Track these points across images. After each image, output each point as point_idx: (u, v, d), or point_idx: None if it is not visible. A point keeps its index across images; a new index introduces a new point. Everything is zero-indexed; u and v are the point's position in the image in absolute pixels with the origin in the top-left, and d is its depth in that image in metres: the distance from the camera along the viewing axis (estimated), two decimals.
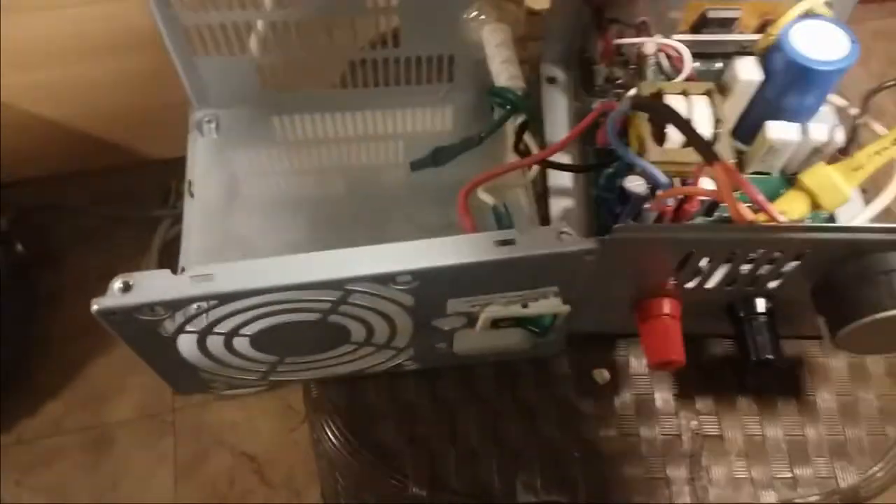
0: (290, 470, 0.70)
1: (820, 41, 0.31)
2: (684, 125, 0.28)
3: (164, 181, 0.80)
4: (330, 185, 0.38)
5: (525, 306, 0.26)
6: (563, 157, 0.35)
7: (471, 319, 0.27)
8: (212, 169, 0.37)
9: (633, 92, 0.36)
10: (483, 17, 0.33)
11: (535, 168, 0.34)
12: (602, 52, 0.37)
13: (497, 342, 0.28)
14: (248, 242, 0.35)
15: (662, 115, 0.30)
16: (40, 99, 0.70)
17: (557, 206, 0.35)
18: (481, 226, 0.29)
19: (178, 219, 0.80)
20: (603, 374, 0.33)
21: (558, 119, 0.38)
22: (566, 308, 0.26)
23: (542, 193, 0.36)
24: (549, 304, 0.26)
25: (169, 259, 0.78)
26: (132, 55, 0.66)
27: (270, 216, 0.36)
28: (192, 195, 0.35)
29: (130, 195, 0.80)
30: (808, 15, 0.33)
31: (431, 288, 0.24)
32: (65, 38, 0.64)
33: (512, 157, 0.35)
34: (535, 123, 0.34)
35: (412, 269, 0.23)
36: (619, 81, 0.38)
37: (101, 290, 0.23)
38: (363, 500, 0.35)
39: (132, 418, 0.72)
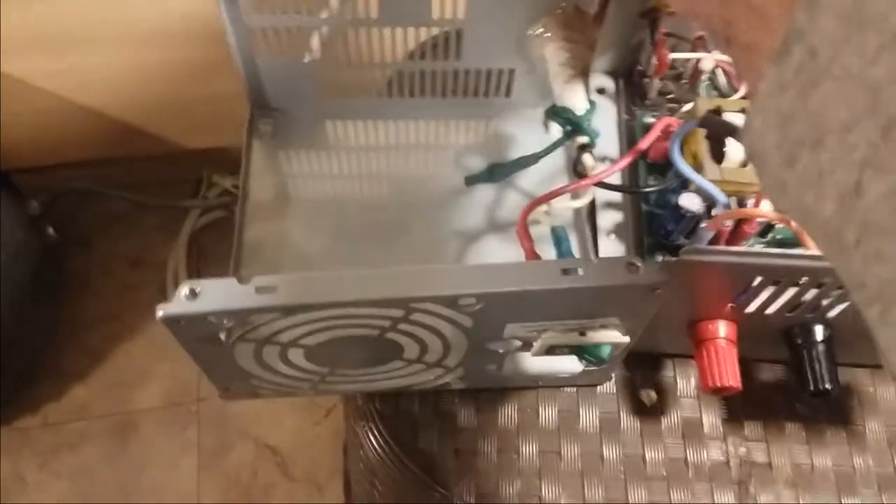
0: (313, 464, 0.71)
1: None
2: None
3: (196, 171, 0.80)
4: (382, 192, 0.37)
5: (583, 334, 0.26)
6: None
7: (526, 343, 0.27)
8: (265, 170, 0.37)
9: (688, 107, 0.36)
10: (549, 34, 0.33)
11: (591, 188, 0.33)
12: (657, 66, 0.37)
13: (549, 368, 0.28)
14: (298, 245, 0.35)
15: (733, 135, 0.29)
16: (75, 85, 0.70)
17: (605, 220, 0.35)
18: (537, 246, 0.29)
19: (207, 209, 0.81)
20: (650, 395, 0.33)
21: (607, 130, 0.38)
22: (626, 339, 0.26)
23: (589, 208, 0.35)
24: (608, 335, 0.26)
25: (198, 249, 0.79)
26: (174, 46, 0.66)
27: (322, 220, 0.35)
28: (246, 199, 0.35)
29: (161, 183, 0.80)
30: None
31: (492, 311, 0.24)
32: (106, 23, 0.64)
33: (566, 177, 0.35)
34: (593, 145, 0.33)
35: (478, 292, 0.22)
36: (672, 96, 0.38)
37: (129, 275, 0.23)
38: None
39: (157, 406, 0.73)
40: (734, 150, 0.30)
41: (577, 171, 0.32)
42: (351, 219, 0.36)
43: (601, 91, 0.40)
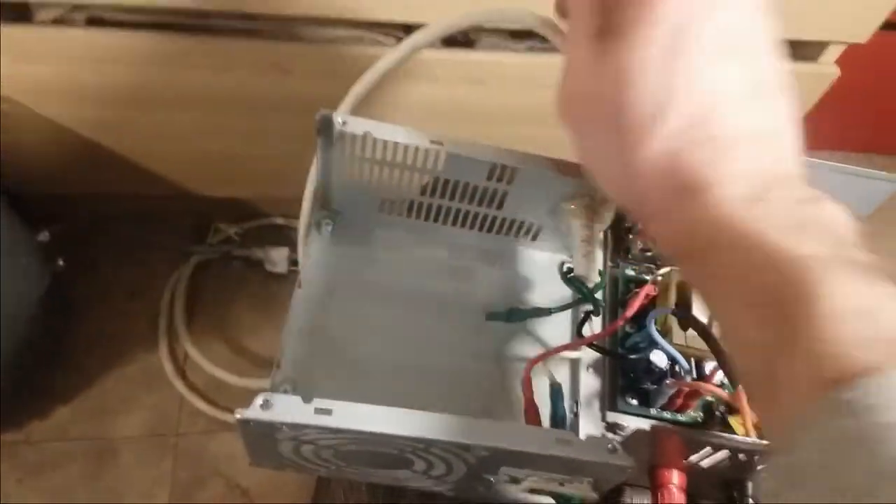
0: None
1: None
2: (713, 343, 0.35)
3: (203, 216, 0.85)
4: (418, 301, 0.43)
5: (561, 484, 0.32)
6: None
7: (514, 479, 0.33)
8: (320, 265, 0.42)
9: (664, 271, 0.43)
10: (577, 210, 0.40)
11: (586, 349, 0.40)
12: (640, 230, 0.44)
13: (527, 500, 0.34)
14: (339, 340, 0.41)
15: (696, 328, 0.36)
16: (104, 132, 0.74)
17: (588, 358, 0.42)
18: (536, 388, 0.35)
19: (208, 254, 0.86)
20: None
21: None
22: (594, 496, 0.32)
23: None
24: (581, 489, 0.32)
25: (194, 288, 0.83)
26: (203, 110, 0.71)
27: (360, 321, 0.41)
28: (300, 286, 0.40)
29: (170, 219, 0.85)
30: None
31: (494, 457, 0.30)
32: (151, 89, 0.69)
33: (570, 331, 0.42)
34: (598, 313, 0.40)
35: (488, 445, 0.29)
36: (651, 254, 0.45)
37: (127, 304, 0.29)
38: None
39: (137, 435, 0.76)
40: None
41: (580, 331, 0.38)
42: (384, 321, 0.42)
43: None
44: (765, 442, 0.32)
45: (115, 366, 0.79)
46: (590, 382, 0.41)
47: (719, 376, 0.37)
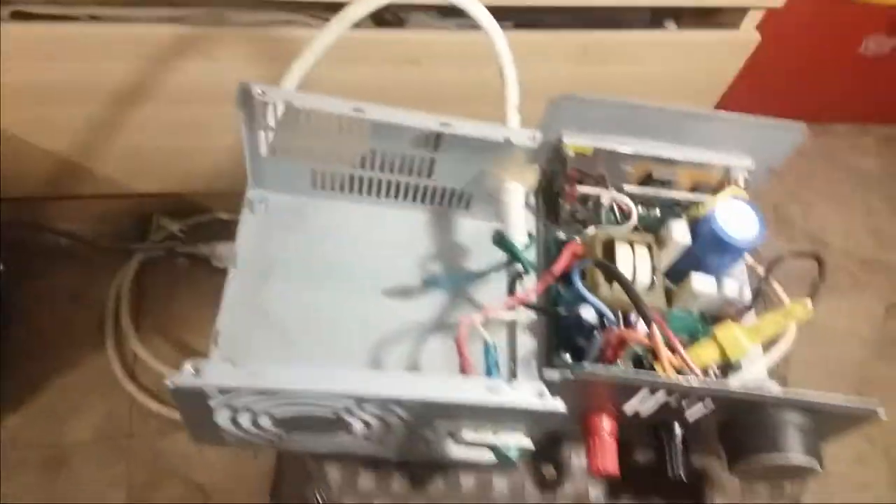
0: (238, 500, 0.74)
1: (737, 221, 0.40)
2: (631, 292, 0.36)
3: (144, 213, 0.84)
4: (349, 276, 0.44)
5: (496, 434, 0.33)
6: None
7: (451, 434, 0.34)
8: (255, 244, 0.43)
9: (590, 230, 0.44)
10: (505, 172, 0.41)
11: (521, 308, 0.41)
12: (568, 194, 0.45)
13: (467, 455, 0.35)
14: (274, 313, 0.41)
15: (616, 278, 0.37)
16: (40, 131, 0.73)
17: (525, 319, 0.43)
18: (472, 345, 0.36)
19: (152, 251, 0.84)
20: (550, 471, 0.40)
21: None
22: (528, 442, 0.33)
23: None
24: (514, 438, 0.33)
25: (139, 288, 0.82)
26: (140, 102, 0.70)
27: (297, 297, 0.42)
28: (235, 266, 0.41)
29: (109, 220, 0.84)
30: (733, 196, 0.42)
31: (428, 410, 0.31)
32: (78, 83, 0.68)
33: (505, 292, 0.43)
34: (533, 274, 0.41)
35: (418, 398, 0.30)
36: (580, 216, 0.46)
37: (69, 309, 0.29)
38: None
39: (89, 440, 0.75)
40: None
41: (511, 292, 0.39)
42: (320, 294, 0.42)
43: (525, 204, 0.48)
44: (682, 380, 0.34)
45: (63, 370, 0.77)
46: (527, 343, 0.43)
47: (642, 326, 0.38)
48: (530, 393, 0.31)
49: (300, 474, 0.40)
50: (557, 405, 0.30)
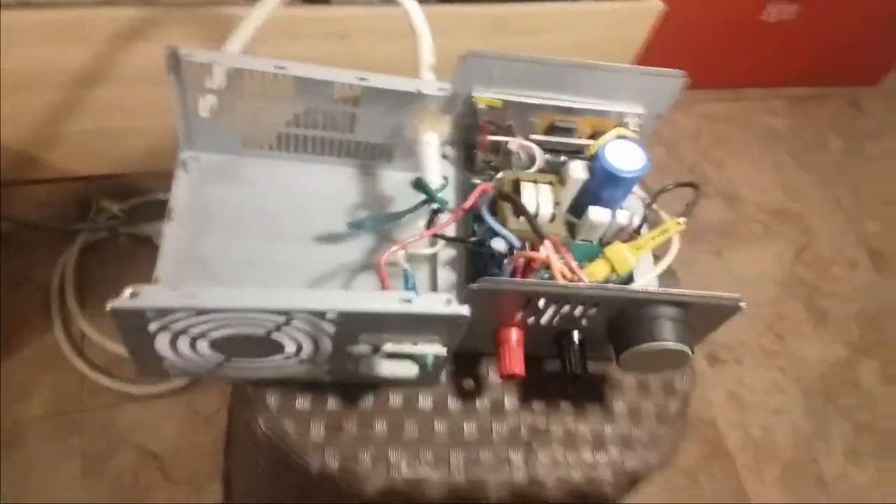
0: (193, 468, 0.77)
1: (625, 156, 0.45)
2: (527, 214, 0.41)
3: (82, 196, 0.85)
4: (281, 225, 0.47)
5: (415, 344, 0.37)
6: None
7: (375, 349, 0.38)
8: (189, 200, 0.46)
9: (500, 175, 0.49)
10: (421, 124, 0.45)
11: (441, 242, 0.46)
12: (480, 143, 0.50)
13: (391, 370, 0.39)
14: (211, 260, 0.45)
15: (515, 205, 0.42)
16: None
17: (445, 256, 0.47)
18: (394, 281, 0.40)
19: (94, 232, 0.86)
20: (469, 383, 0.45)
21: (448, 188, 0.51)
22: (444, 351, 0.38)
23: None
24: (431, 347, 0.37)
25: (84, 267, 0.83)
26: (70, 86, 0.72)
27: (232, 248, 0.45)
28: (171, 219, 0.44)
29: (49, 206, 0.85)
30: (620, 137, 0.47)
31: (350, 323, 0.35)
32: (13, 70, 0.69)
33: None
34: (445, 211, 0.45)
35: (338, 309, 0.34)
36: (493, 164, 0.51)
37: (13, 294, 0.32)
38: (281, 479, 0.45)
39: (42, 415, 0.77)
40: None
41: (428, 227, 0.44)
42: (253, 243, 0.46)
43: (444, 156, 0.53)
44: (564, 285, 0.39)
45: (12, 352, 0.78)
46: (447, 275, 0.47)
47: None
48: (438, 301, 0.35)
49: (244, 407, 0.43)
50: (462, 310, 0.35)
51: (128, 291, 0.32)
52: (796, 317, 1.13)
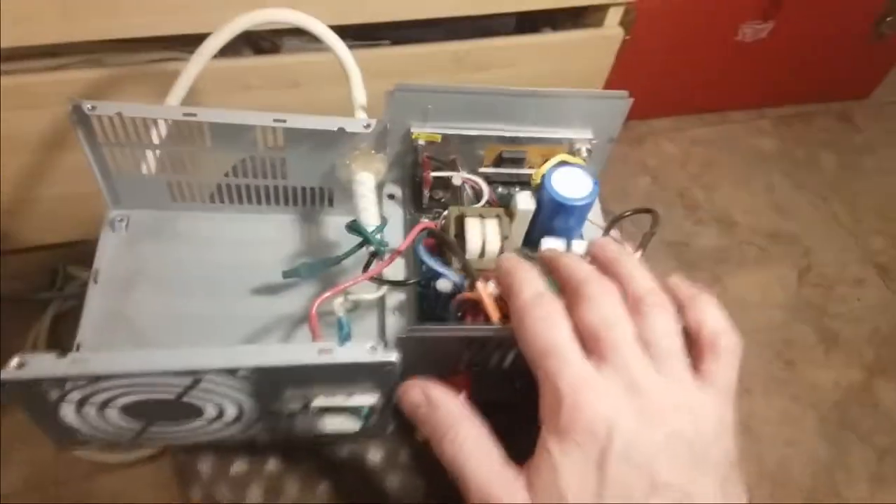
0: None
1: (571, 183, 0.43)
2: (457, 252, 0.39)
3: (52, 264, 0.84)
4: (213, 280, 0.45)
5: (349, 396, 0.34)
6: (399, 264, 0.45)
7: (305, 406, 0.35)
8: (117, 260, 0.44)
9: (446, 212, 0.47)
10: (354, 165, 0.43)
11: (384, 287, 0.43)
12: (424, 180, 0.48)
13: (331, 426, 0.36)
14: (139, 322, 0.42)
15: (449, 246, 0.40)
16: None
17: (393, 301, 0.45)
18: (331, 330, 0.38)
19: (65, 300, 0.84)
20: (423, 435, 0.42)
21: (396, 228, 0.48)
22: (379, 401, 0.35)
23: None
24: (365, 398, 0.34)
25: (56, 337, 0.82)
26: (30, 151, 0.72)
27: (161, 309, 0.43)
28: (95, 282, 0.42)
29: (18, 276, 0.83)
30: (564, 163, 0.44)
31: (268, 380, 0.32)
32: None
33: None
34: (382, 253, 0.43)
35: (249, 365, 0.31)
36: (442, 200, 0.49)
37: None
38: None
39: (17, 491, 0.74)
40: (473, 246, 0.42)
41: (365, 271, 0.41)
42: (186, 300, 0.44)
43: (391, 197, 0.51)
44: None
45: None
46: (396, 322, 0.44)
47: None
48: (363, 349, 0.32)
49: (175, 475, 0.41)
50: (389, 356, 0.32)
51: (14, 361, 0.30)
52: (805, 341, 1.09)
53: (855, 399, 1.05)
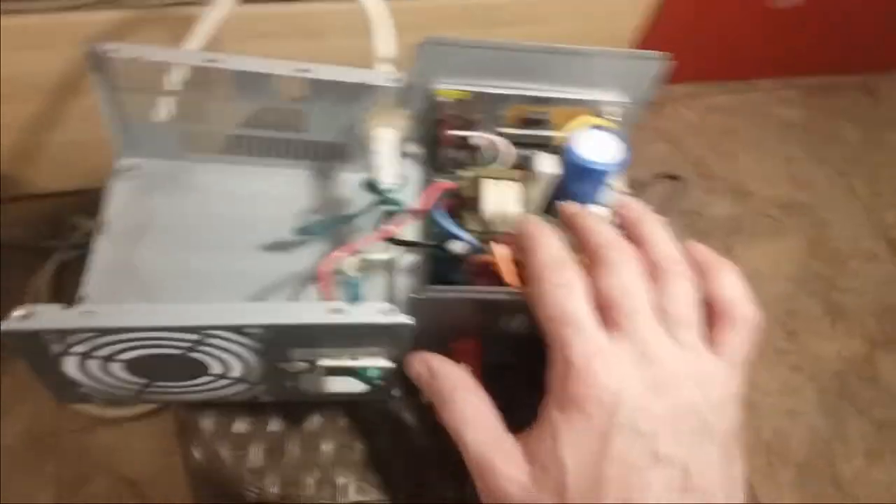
0: (169, 490, 0.74)
1: (597, 147, 0.41)
2: (478, 217, 0.37)
3: (56, 213, 0.83)
4: (225, 233, 0.43)
5: (354, 358, 0.33)
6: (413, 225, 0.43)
7: (312, 365, 0.34)
8: (125, 211, 0.42)
9: (463, 172, 0.45)
10: (374, 119, 0.41)
11: (397, 248, 0.41)
12: (444, 139, 0.46)
13: (336, 387, 0.35)
14: (147, 275, 0.41)
15: (466, 208, 0.38)
16: None
17: (406, 263, 0.43)
18: (342, 290, 0.36)
19: (69, 249, 0.83)
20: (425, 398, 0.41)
21: (412, 189, 0.47)
22: (389, 364, 0.34)
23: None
24: (374, 361, 0.33)
25: (59, 286, 0.81)
26: (37, 97, 0.69)
27: (171, 261, 0.41)
28: (102, 232, 0.40)
29: (19, 226, 0.82)
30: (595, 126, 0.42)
31: (276, 338, 0.31)
32: None
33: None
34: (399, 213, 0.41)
35: (258, 323, 0.30)
36: (459, 161, 0.47)
37: None
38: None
39: (14, 443, 0.74)
40: (489, 206, 0.40)
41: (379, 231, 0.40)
42: (196, 254, 0.42)
43: (410, 155, 0.49)
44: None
45: None
46: (405, 283, 0.43)
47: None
48: (375, 311, 0.31)
49: (178, 433, 0.40)
50: (402, 318, 0.31)
51: (19, 312, 0.29)
52: (810, 313, 1.07)
53: (856, 371, 1.04)
